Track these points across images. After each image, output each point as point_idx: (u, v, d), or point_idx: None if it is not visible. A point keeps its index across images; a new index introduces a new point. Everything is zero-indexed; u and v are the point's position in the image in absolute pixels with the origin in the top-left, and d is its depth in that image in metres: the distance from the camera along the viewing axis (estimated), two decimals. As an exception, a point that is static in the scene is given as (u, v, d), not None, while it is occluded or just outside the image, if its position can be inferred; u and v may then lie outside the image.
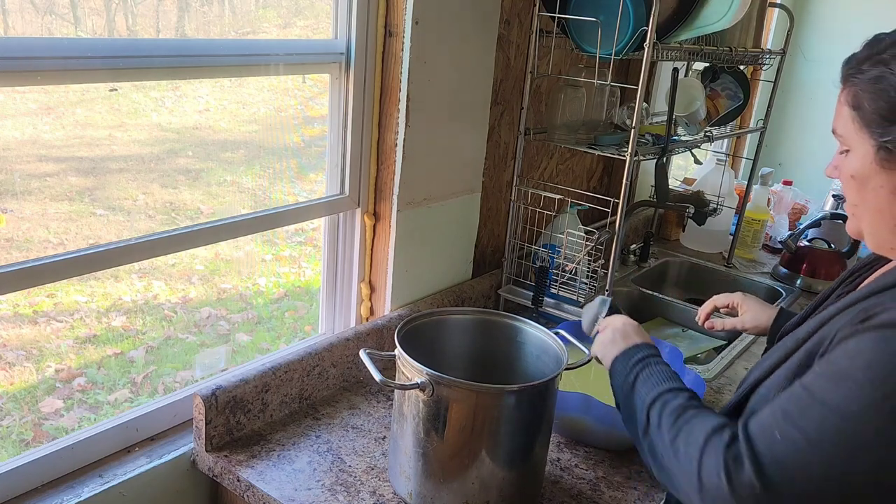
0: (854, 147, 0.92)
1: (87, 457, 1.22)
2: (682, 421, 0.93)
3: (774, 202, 2.83)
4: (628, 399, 1.03)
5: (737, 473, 0.82)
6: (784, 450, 0.81)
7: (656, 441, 0.95)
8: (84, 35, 1.24)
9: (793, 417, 0.82)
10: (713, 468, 0.84)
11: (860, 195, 0.93)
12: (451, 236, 1.72)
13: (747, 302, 1.42)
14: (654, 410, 0.97)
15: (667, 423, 0.94)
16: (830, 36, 3.27)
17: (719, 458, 0.84)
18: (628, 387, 1.04)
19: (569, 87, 1.75)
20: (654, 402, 0.98)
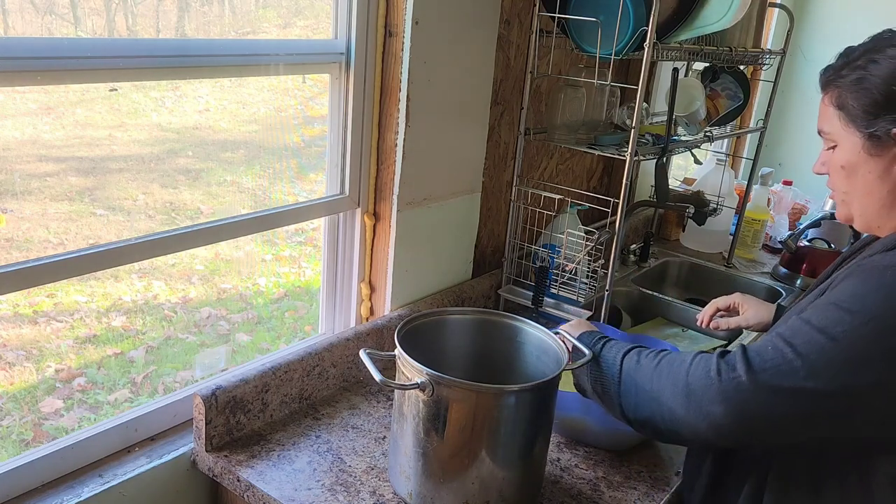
0: (841, 142, 1.05)
1: (87, 457, 1.22)
2: (661, 356, 1.05)
3: (774, 202, 2.83)
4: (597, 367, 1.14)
5: (726, 368, 0.94)
6: (773, 358, 0.93)
7: (636, 378, 1.05)
8: (84, 35, 1.23)
9: (785, 336, 0.95)
10: (703, 369, 0.96)
11: (850, 182, 1.06)
12: (451, 236, 1.72)
13: (747, 301, 1.48)
14: (629, 355, 1.10)
15: (647, 360, 1.06)
16: (830, 36, 3.26)
17: (710, 360, 0.97)
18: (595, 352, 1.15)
19: (569, 87, 1.75)
20: (626, 353, 1.10)
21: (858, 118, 1.01)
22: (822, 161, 1.11)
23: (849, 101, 1.02)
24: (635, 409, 1.04)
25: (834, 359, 0.91)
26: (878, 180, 1.02)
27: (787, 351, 0.93)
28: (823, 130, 1.08)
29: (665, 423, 1.00)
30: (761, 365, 0.93)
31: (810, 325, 0.94)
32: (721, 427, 0.95)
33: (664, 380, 1.00)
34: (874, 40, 1.04)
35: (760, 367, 0.93)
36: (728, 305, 1.50)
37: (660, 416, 1.01)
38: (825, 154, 1.10)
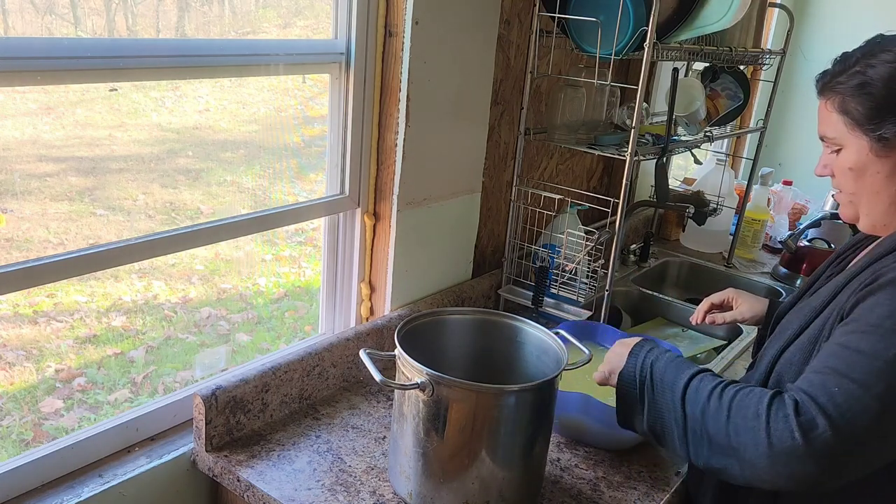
0: (847, 145, 1.07)
1: (87, 457, 1.22)
2: (727, 399, 0.98)
3: (774, 202, 2.83)
4: (653, 397, 1.07)
5: (812, 430, 0.90)
6: (844, 400, 0.91)
7: (707, 429, 0.99)
8: (84, 35, 1.23)
9: (841, 371, 0.93)
10: (785, 432, 0.91)
11: (858, 183, 1.08)
12: (451, 236, 1.72)
13: (741, 295, 1.50)
14: (690, 396, 1.02)
15: (713, 406, 0.99)
16: (830, 36, 3.27)
17: (789, 422, 0.91)
18: (647, 386, 1.08)
19: (569, 87, 1.75)
20: (685, 391, 1.03)
21: (864, 122, 1.04)
22: (824, 164, 1.14)
23: (852, 105, 1.05)
24: (707, 459, 1.00)
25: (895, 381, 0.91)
26: (886, 180, 1.05)
27: (852, 388, 0.92)
28: (826, 136, 1.10)
29: (744, 476, 0.96)
30: (837, 411, 0.90)
31: (862, 354, 0.94)
32: (816, 483, 0.92)
33: (742, 436, 0.95)
34: (869, 45, 1.07)
35: (839, 416, 0.90)
36: (722, 301, 1.51)
37: (737, 470, 0.97)
38: (827, 157, 1.12)
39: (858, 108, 1.04)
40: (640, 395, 1.09)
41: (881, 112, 1.02)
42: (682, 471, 1.35)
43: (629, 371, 1.11)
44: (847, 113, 1.06)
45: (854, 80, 1.05)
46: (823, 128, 1.11)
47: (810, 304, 1.12)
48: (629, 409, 1.11)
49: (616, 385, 1.13)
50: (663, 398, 1.05)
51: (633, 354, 1.13)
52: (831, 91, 1.08)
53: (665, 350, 1.13)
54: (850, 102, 1.05)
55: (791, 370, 1.09)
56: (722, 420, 0.97)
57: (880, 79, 1.02)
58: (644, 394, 1.08)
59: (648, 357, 1.11)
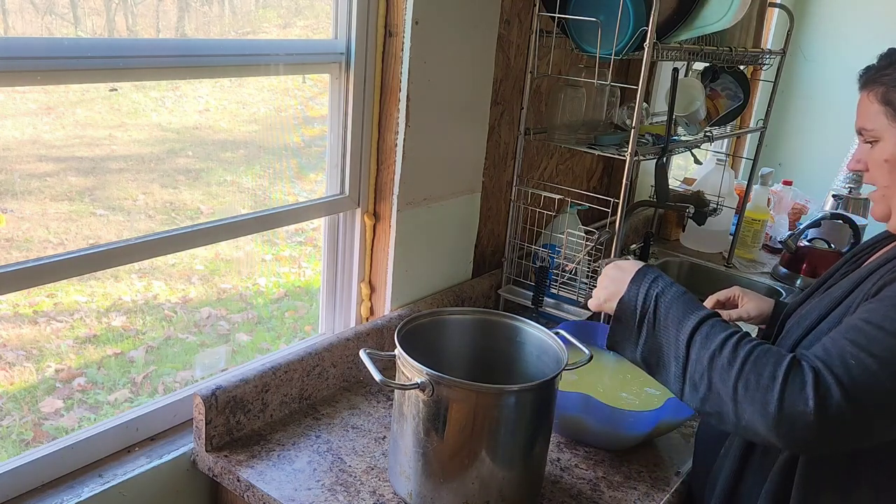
0: (886, 137, 1.07)
1: (87, 457, 1.22)
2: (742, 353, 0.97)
3: (774, 202, 2.83)
4: (653, 331, 1.05)
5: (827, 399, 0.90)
6: (860, 373, 0.91)
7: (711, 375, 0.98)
8: (84, 35, 1.23)
9: (861, 345, 0.93)
10: (800, 398, 0.91)
11: (893, 176, 1.08)
12: (451, 236, 1.72)
13: (747, 294, 1.48)
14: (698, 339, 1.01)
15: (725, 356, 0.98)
16: (830, 36, 3.26)
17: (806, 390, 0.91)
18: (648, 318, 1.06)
19: (569, 87, 1.75)
20: (693, 334, 1.01)
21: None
22: (858, 157, 1.13)
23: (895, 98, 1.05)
24: (703, 400, 0.99)
25: None
26: None
27: (869, 362, 0.92)
28: (865, 128, 1.10)
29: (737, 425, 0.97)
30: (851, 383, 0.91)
31: (884, 331, 0.94)
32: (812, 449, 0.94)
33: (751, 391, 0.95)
34: None
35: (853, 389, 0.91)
36: (728, 298, 1.49)
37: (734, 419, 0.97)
38: (863, 150, 1.12)
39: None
40: (638, 324, 1.07)
41: None
42: (683, 471, 1.35)
43: (630, 298, 1.08)
44: (890, 103, 1.06)
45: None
46: (863, 120, 1.10)
47: (830, 295, 1.12)
48: (623, 335, 1.09)
49: (614, 310, 1.10)
50: (666, 333, 1.04)
51: (635, 282, 1.10)
52: (875, 83, 1.08)
53: (670, 283, 1.10)
54: (893, 93, 1.05)
55: None
56: (733, 372, 0.96)
57: None
58: (644, 325, 1.06)
59: (653, 288, 1.08)
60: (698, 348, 1.00)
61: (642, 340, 1.06)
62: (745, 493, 1.16)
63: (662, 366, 1.04)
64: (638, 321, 1.07)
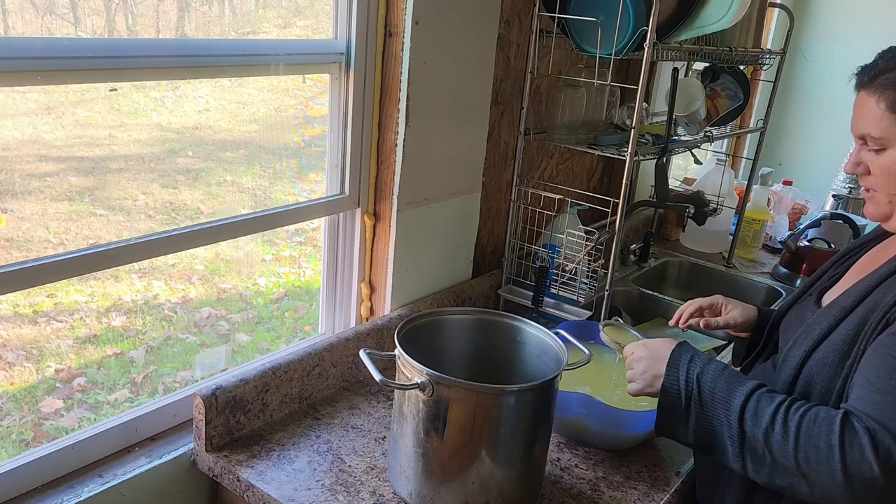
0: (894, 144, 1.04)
1: (87, 457, 1.22)
2: (793, 425, 0.96)
3: (774, 202, 2.83)
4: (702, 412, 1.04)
5: (889, 461, 0.89)
6: None
7: (771, 451, 0.97)
8: (84, 35, 1.24)
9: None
10: (863, 464, 0.90)
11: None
12: (451, 236, 1.72)
13: (730, 301, 1.45)
14: (749, 416, 1.00)
15: (778, 431, 0.97)
16: (830, 36, 3.26)
17: (866, 455, 0.90)
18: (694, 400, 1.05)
19: (569, 87, 1.75)
20: (743, 410, 1.00)
21: None
22: (857, 161, 1.10)
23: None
24: (769, 477, 0.98)
25: None
26: None
27: None
28: (871, 134, 1.06)
29: (816, 497, 0.96)
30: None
31: None
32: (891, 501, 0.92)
33: (814, 465, 0.93)
34: None
35: None
36: (711, 305, 1.45)
37: (807, 491, 0.96)
38: (865, 155, 1.09)
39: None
40: (685, 408, 1.06)
41: None
42: (683, 471, 1.35)
43: (671, 383, 1.08)
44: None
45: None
46: (867, 126, 1.06)
47: (839, 304, 1.10)
48: (672, 420, 1.08)
49: (659, 396, 1.09)
50: (715, 413, 1.03)
51: (672, 365, 1.10)
52: (882, 88, 1.03)
53: (707, 359, 1.09)
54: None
55: (825, 372, 1.06)
56: (790, 447, 0.95)
57: None
58: (691, 407, 1.05)
59: (693, 369, 1.08)
60: (750, 426, 0.99)
61: (692, 423, 1.05)
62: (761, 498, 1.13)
63: (718, 446, 1.03)
64: (685, 405, 1.06)
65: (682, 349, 1.12)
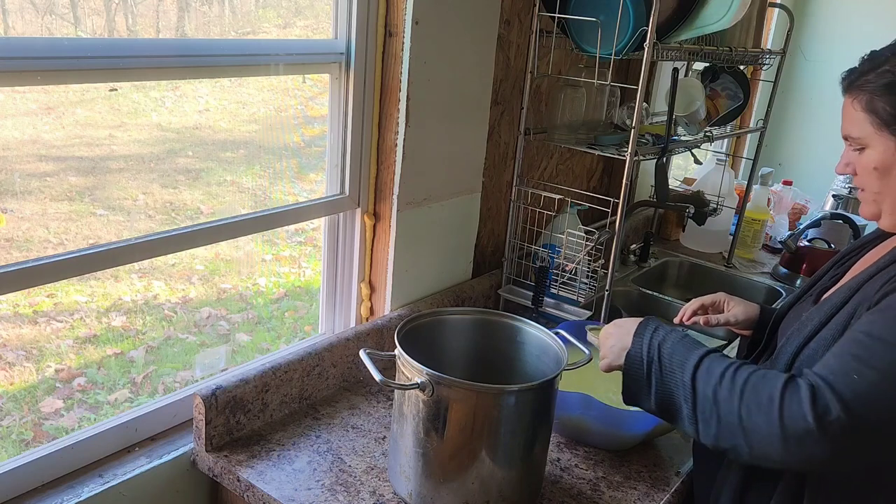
0: (873, 145, 1.07)
1: (87, 457, 1.22)
2: (740, 381, 0.99)
3: (774, 202, 2.83)
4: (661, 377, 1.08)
5: (825, 415, 0.91)
6: (863, 387, 0.92)
7: (718, 409, 1.00)
8: (84, 35, 1.24)
9: (863, 359, 0.94)
10: (798, 416, 0.92)
11: (883, 182, 1.08)
12: (451, 236, 1.72)
13: (733, 299, 1.48)
14: (701, 376, 1.03)
15: (725, 387, 1.00)
16: (830, 36, 3.26)
17: (803, 407, 0.92)
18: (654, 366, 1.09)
19: (569, 87, 1.75)
20: (696, 371, 1.04)
21: (892, 122, 1.04)
22: (846, 162, 1.13)
23: (881, 105, 1.04)
24: (717, 437, 1.01)
25: None
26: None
27: (869, 374, 0.92)
28: (851, 135, 1.10)
29: (753, 455, 0.98)
30: (853, 396, 0.92)
31: (883, 342, 0.94)
32: (825, 465, 0.94)
33: (755, 416, 0.96)
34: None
35: (853, 400, 0.91)
36: (713, 302, 1.48)
37: (746, 448, 0.98)
38: (850, 155, 1.12)
39: (887, 108, 1.04)
40: (647, 375, 1.09)
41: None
42: (683, 471, 1.35)
43: (636, 351, 1.12)
44: (875, 112, 1.05)
45: (884, 80, 1.04)
46: (848, 126, 1.10)
47: (830, 301, 1.12)
48: (636, 388, 1.11)
49: (623, 365, 1.13)
50: (672, 377, 1.06)
51: (638, 334, 1.14)
52: (859, 90, 1.07)
53: (671, 330, 1.13)
54: (878, 102, 1.05)
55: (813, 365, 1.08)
56: (735, 401, 0.98)
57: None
58: (652, 374, 1.09)
59: (655, 337, 1.11)
60: (703, 385, 1.02)
61: (654, 390, 1.08)
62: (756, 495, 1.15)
63: (676, 410, 1.06)
64: (647, 372, 1.09)
65: (648, 321, 1.16)
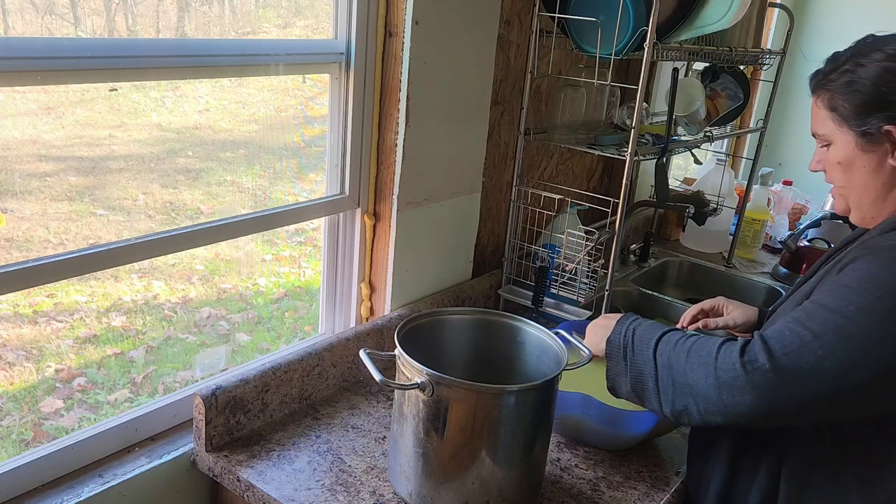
0: (836, 140, 1.12)
1: (87, 457, 1.22)
2: (687, 344, 1.07)
3: (774, 202, 2.83)
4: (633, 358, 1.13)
5: (752, 362, 0.98)
6: (792, 342, 0.98)
7: (672, 373, 1.06)
8: (84, 35, 1.24)
9: (801, 320, 1.00)
10: (728, 364, 1.00)
11: (846, 177, 1.14)
12: (451, 236, 1.72)
13: (732, 303, 1.51)
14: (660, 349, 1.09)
15: (678, 351, 1.07)
16: (830, 36, 3.26)
17: (734, 353, 1.00)
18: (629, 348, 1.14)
19: (569, 87, 1.75)
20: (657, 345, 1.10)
21: (851, 118, 1.09)
22: (818, 159, 1.19)
23: (840, 102, 1.09)
24: (672, 402, 1.06)
25: (848, 336, 0.96)
26: (872, 174, 1.10)
27: (804, 333, 0.97)
28: (818, 132, 1.16)
29: (700, 413, 1.03)
30: (781, 350, 0.97)
31: (824, 308, 0.99)
32: (752, 414, 0.99)
33: (696, 371, 1.03)
34: (859, 45, 1.11)
35: (781, 353, 0.97)
36: (712, 307, 1.52)
37: (695, 407, 1.04)
38: (820, 152, 1.18)
39: (845, 105, 1.08)
40: (623, 356, 1.14)
41: (867, 108, 1.06)
42: (683, 470, 1.35)
43: (615, 338, 1.16)
44: (835, 109, 1.10)
45: (843, 78, 1.09)
46: (815, 124, 1.15)
47: (802, 291, 1.16)
48: (616, 372, 1.15)
49: (605, 350, 1.18)
50: (642, 356, 1.11)
51: (619, 322, 1.18)
52: (822, 89, 1.12)
53: (649, 320, 1.18)
54: (837, 99, 1.09)
55: None
56: (682, 362, 1.05)
57: (868, 77, 1.06)
58: (626, 355, 1.13)
59: (633, 325, 1.16)
60: (661, 356, 1.09)
61: (628, 371, 1.13)
62: (739, 494, 1.19)
63: (644, 388, 1.11)
64: (623, 355, 1.14)
65: (631, 314, 1.22)
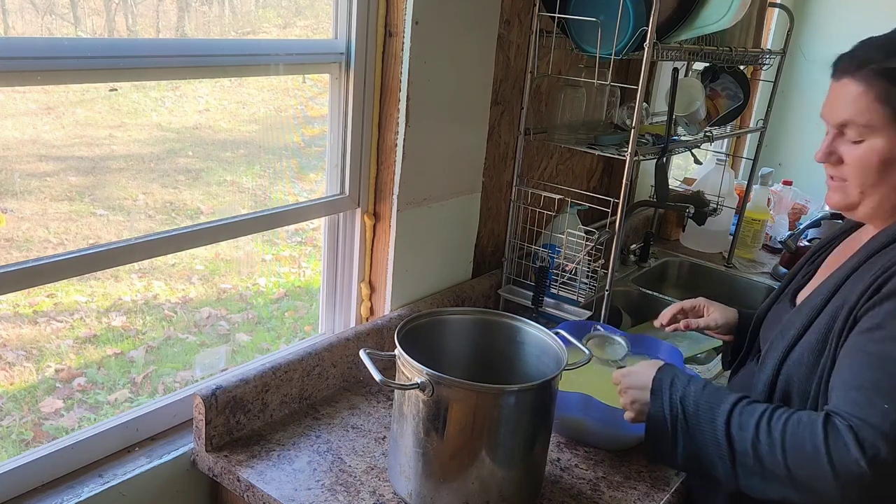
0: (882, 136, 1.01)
1: (87, 457, 1.22)
2: (777, 433, 0.97)
3: (774, 202, 2.83)
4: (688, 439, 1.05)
5: (876, 455, 0.89)
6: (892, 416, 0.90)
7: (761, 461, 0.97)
8: (84, 35, 1.24)
9: (885, 388, 0.92)
10: (850, 462, 0.90)
11: (881, 175, 1.03)
12: (451, 236, 1.72)
13: (712, 304, 1.48)
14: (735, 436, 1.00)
15: (764, 441, 0.97)
16: (830, 36, 3.26)
17: (851, 452, 0.90)
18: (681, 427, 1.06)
19: (569, 87, 1.75)
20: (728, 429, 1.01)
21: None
22: (830, 150, 1.08)
23: None
24: (763, 489, 0.99)
25: None
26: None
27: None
28: (855, 121, 1.03)
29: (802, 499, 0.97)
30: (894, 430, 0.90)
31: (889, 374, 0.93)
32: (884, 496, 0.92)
33: (805, 470, 0.94)
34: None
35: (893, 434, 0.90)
36: (693, 307, 1.49)
37: (800, 498, 0.96)
38: (839, 144, 1.07)
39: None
40: (672, 434, 1.07)
41: None
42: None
43: (657, 411, 1.09)
44: (889, 104, 0.99)
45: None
46: (850, 113, 1.03)
47: (809, 303, 1.11)
48: (661, 448, 1.09)
49: (646, 425, 1.11)
50: (702, 435, 1.03)
51: (655, 392, 1.10)
52: (872, 76, 1.01)
53: (687, 380, 1.10)
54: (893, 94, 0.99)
55: (801, 371, 1.07)
56: (777, 455, 0.96)
57: None
58: (678, 431, 1.06)
59: (675, 393, 1.08)
60: (739, 441, 1.00)
61: (680, 447, 1.06)
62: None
63: (710, 465, 1.03)
64: (671, 430, 1.07)
65: (662, 375, 1.12)
